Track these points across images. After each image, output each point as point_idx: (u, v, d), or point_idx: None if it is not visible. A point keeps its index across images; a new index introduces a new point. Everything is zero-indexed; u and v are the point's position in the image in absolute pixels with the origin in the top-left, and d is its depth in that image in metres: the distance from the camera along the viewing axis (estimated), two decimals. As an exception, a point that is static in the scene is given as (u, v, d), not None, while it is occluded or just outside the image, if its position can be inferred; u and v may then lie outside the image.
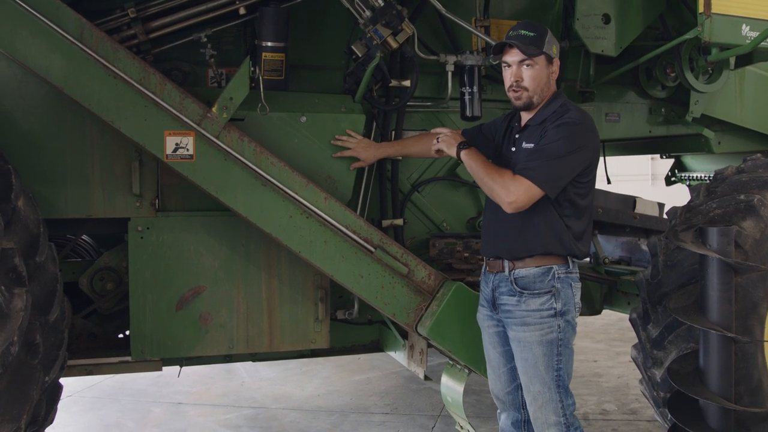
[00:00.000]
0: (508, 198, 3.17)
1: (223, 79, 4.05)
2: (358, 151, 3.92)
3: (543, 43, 3.26)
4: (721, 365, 3.40)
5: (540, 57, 3.27)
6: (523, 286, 3.29)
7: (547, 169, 3.15)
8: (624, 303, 5.07)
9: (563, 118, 3.21)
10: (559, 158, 3.15)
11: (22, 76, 3.60)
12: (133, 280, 3.78)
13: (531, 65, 3.28)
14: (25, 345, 2.92)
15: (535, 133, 3.29)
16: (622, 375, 6.61)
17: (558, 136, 3.17)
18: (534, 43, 3.26)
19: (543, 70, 3.30)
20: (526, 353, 3.29)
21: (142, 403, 6.11)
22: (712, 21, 4.15)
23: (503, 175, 3.21)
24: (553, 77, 3.35)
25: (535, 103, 3.32)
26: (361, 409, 5.85)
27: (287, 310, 4.01)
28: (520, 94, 3.31)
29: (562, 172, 3.18)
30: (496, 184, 3.21)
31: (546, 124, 3.25)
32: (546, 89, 3.33)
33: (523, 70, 3.29)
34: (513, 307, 3.31)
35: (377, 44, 3.80)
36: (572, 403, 3.34)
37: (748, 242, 3.61)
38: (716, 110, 5.29)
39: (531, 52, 3.25)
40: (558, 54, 3.37)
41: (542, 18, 4.69)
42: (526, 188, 3.14)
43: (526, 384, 3.33)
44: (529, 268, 3.29)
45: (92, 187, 3.74)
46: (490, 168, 3.28)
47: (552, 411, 3.29)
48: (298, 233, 3.64)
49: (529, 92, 3.30)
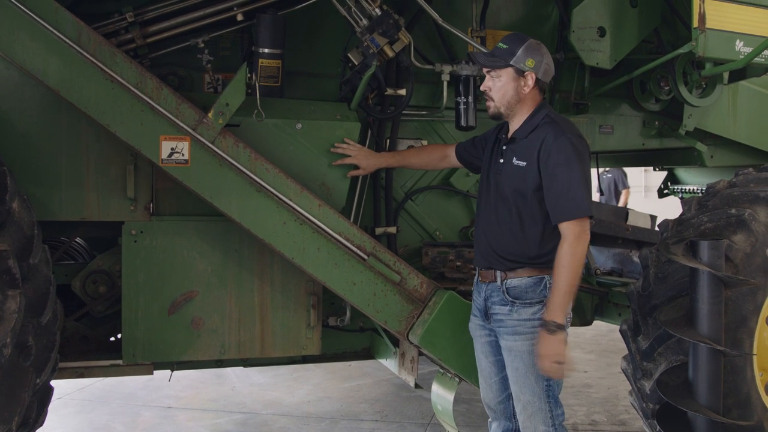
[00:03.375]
0: (584, 248, 3.19)
1: (219, 84, 4.06)
2: (359, 159, 3.93)
3: (512, 56, 3.29)
4: (710, 378, 3.42)
5: (505, 69, 3.31)
6: (515, 296, 3.31)
7: (576, 201, 3.17)
8: (615, 314, 5.09)
9: (556, 138, 3.22)
10: (578, 181, 3.18)
11: (20, 78, 3.61)
12: (126, 283, 3.78)
13: (495, 77, 3.34)
14: (18, 347, 2.92)
15: (524, 150, 3.30)
16: (612, 386, 6.63)
17: (563, 159, 3.19)
18: (501, 55, 3.30)
19: (509, 83, 3.33)
20: (517, 362, 3.31)
21: (131, 407, 6.10)
22: (706, 36, 4.19)
23: (570, 256, 3.16)
24: (524, 90, 3.34)
25: (504, 114, 3.37)
26: (351, 416, 5.85)
27: (279, 316, 4.02)
28: (488, 103, 3.40)
29: (587, 188, 3.23)
30: (577, 264, 3.17)
31: (533, 140, 3.28)
32: (514, 102, 3.35)
33: (492, 81, 3.35)
34: (505, 317, 3.33)
35: (373, 53, 3.82)
36: (561, 413, 3.36)
37: (739, 256, 3.63)
38: (709, 124, 5.32)
39: (492, 64, 3.32)
40: (540, 68, 3.33)
41: (538, 30, 4.73)
42: (579, 231, 3.16)
43: (517, 393, 3.35)
44: (521, 278, 3.31)
45: (87, 190, 3.75)
46: (565, 270, 3.17)
47: (541, 420, 3.31)
48: (292, 240, 3.65)
49: (495, 102, 3.37)
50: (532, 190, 3.26)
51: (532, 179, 3.26)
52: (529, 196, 3.27)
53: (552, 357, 3.15)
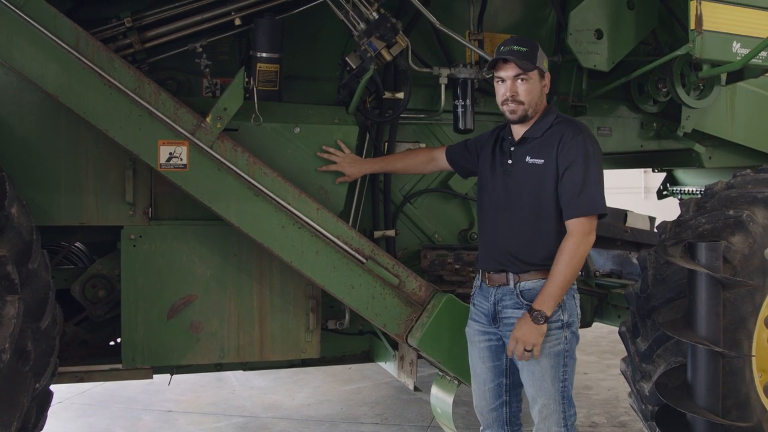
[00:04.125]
0: (588, 247, 3.22)
1: (217, 89, 4.05)
2: (343, 166, 3.91)
3: (536, 57, 3.31)
4: (708, 379, 3.42)
5: (534, 71, 3.31)
6: (530, 299, 3.28)
7: (591, 197, 3.20)
8: (614, 316, 5.09)
9: (574, 136, 3.25)
10: (593, 179, 3.21)
11: (18, 83, 3.62)
12: (125, 288, 3.79)
13: (526, 79, 3.32)
14: (17, 352, 2.92)
15: (540, 149, 3.31)
16: (612, 388, 6.63)
17: (581, 157, 3.22)
18: (527, 57, 3.29)
19: (537, 84, 3.34)
20: (533, 366, 3.29)
21: (132, 411, 6.11)
22: (703, 37, 4.20)
23: (573, 251, 3.18)
24: (545, 90, 3.39)
25: (530, 116, 3.36)
26: (351, 419, 5.86)
27: (278, 320, 4.02)
28: (515, 107, 3.33)
29: (602, 187, 3.26)
30: (578, 261, 3.20)
31: (550, 138, 3.29)
32: (539, 102, 3.37)
33: (518, 85, 3.32)
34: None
35: (371, 56, 3.82)
36: (574, 413, 3.38)
37: (737, 257, 3.63)
38: (707, 125, 5.33)
39: (526, 66, 3.29)
40: (548, 68, 3.42)
41: (536, 32, 4.74)
42: (586, 229, 3.19)
43: (533, 396, 3.34)
44: (535, 280, 3.30)
45: (86, 194, 3.75)
46: (565, 264, 3.20)
47: (554, 422, 3.32)
48: (290, 243, 3.66)
49: (525, 106, 3.33)
50: (549, 187, 3.26)
51: (550, 177, 3.26)
52: (546, 194, 3.27)
53: (527, 345, 3.20)
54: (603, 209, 3.22)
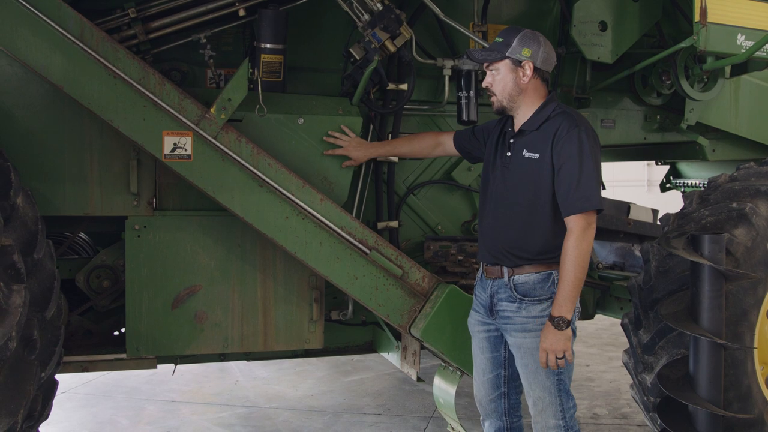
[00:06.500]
0: (590, 242, 3.17)
1: (221, 79, 4.07)
2: (349, 150, 3.92)
3: (507, 48, 3.27)
4: (710, 371, 3.43)
5: (502, 62, 3.29)
6: (523, 293, 3.29)
7: (586, 193, 3.15)
8: (617, 308, 5.10)
9: (569, 130, 3.19)
10: (588, 174, 3.16)
11: (23, 74, 3.62)
12: (130, 278, 3.81)
13: (494, 71, 3.33)
14: (23, 341, 2.95)
15: (536, 142, 3.27)
16: (614, 380, 6.64)
17: (575, 151, 3.16)
18: (495, 48, 3.30)
19: (508, 74, 3.30)
20: (527, 359, 3.29)
21: (135, 401, 6.13)
22: (707, 30, 4.20)
23: (576, 249, 3.13)
24: (524, 80, 3.29)
25: (507, 107, 3.34)
26: (353, 410, 5.88)
27: (282, 310, 4.04)
28: (492, 99, 3.37)
29: (598, 181, 3.21)
30: (583, 258, 3.15)
31: (545, 131, 3.25)
32: (516, 93, 3.31)
33: (491, 76, 3.34)
34: (513, 314, 3.30)
35: (375, 48, 3.82)
36: (573, 406, 3.36)
37: (740, 250, 3.64)
38: (711, 118, 5.32)
39: (488, 57, 3.31)
40: (538, 56, 3.28)
41: (539, 24, 4.73)
42: (585, 225, 3.14)
43: (527, 389, 3.34)
44: (528, 274, 3.29)
45: (90, 185, 3.77)
46: (571, 263, 3.14)
47: (551, 415, 3.31)
48: (294, 234, 3.67)
49: (497, 97, 3.34)
50: (544, 182, 3.23)
51: (545, 171, 3.22)
52: (541, 189, 3.23)
53: (557, 353, 3.15)
54: (597, 205, 3.16)
